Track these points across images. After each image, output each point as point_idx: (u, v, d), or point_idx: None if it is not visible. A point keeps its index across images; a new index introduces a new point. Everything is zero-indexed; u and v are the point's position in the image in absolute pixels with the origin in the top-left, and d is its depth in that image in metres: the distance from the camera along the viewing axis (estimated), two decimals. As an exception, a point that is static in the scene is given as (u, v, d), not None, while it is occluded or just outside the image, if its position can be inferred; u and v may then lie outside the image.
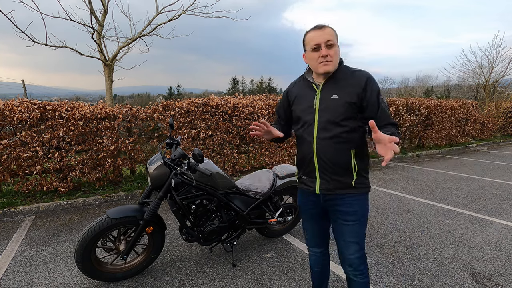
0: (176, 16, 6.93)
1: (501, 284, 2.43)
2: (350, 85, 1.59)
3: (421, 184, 5.43)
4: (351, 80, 1.60)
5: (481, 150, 9.72)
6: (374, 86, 1.59)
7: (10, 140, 4.14)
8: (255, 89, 51.14)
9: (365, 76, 1.59)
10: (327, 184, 1.65)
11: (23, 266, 2.71)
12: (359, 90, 1.57)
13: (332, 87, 1.62)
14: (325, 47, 1.55)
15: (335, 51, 1.56)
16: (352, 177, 1.62)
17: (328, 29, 1.57)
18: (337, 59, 1.59)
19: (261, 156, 6.04)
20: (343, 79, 1.61)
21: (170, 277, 2.53)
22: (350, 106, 1.57)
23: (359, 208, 1.64)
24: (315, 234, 1.87)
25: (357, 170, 1.62)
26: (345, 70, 1.63)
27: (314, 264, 1.95)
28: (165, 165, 2.34)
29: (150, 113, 5.08)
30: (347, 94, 1.57)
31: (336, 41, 1.57)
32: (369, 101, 1.57)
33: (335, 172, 1.62)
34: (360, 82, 1.58)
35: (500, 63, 13.89)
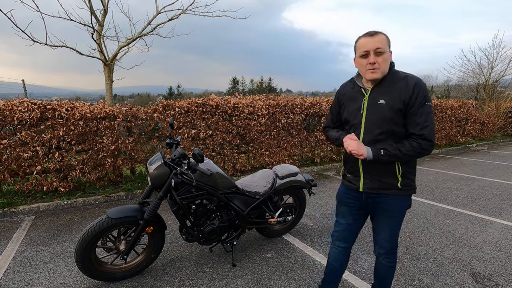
0: (176, 16, 6.94)
1: (501, 284, 2.43)
2: (397, 91, 1.60)
3: (421, 184, 5.42)
4: (399, 85, 1.60)
5: (481, 150, 9.72)
6: (421, 92, 1.57)
7: (10, 140, 4.14)
8: (255, 89, 51.13)
9: (413, 81, 1.59)
10: (371, 184, 1.74)
11: (23, 266, 2.71)
12: (407, 97, 1.57)
13: (380, 92, 1.65)
14: (373, 55, 1.57)
15: (383, 59, 1.58)
16: (397, 179, 1.69)
17: (379, 37, 1.57)
18: (385, 66, 1.61)
19: (261, 156, 6.04)
20: (391, 84, 1.63)
21: (170, 277, 2.53)
22: (396, 112, 1.59)
23: (398, 207, 1.74)
24: (347, 228, 1.92)
25: (401, 173, 1.68)
26: (395, 75, 1.64)
27: (334, 259, 1.98)
28: (165, 165, 2.33)
29: (150, 113, 5.08)
30: (393, 99, 1.60)
31: (386, 48, 1.58)
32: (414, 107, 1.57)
33: (379, 174, 1.70)
34: (408, 88, 1.58)
35: (500, 63, 13.90)
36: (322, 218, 3.81)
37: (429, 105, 1.58)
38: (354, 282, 2.44)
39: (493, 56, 13.85)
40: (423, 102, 1.56)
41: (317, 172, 6.42)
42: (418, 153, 1.58)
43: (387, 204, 1.74)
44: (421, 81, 1.60)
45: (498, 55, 13.76)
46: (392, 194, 1.71)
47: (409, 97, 1.56)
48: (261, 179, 2.96)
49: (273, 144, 6.13)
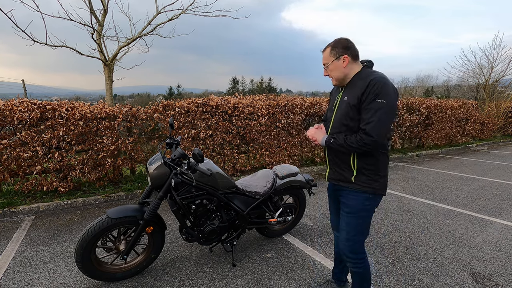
0: (176, 16, 6.94)
1: (501, 284, 2.43)
2: (356, 88, 1.71)
3: (421, 184, 5.43)
4: (359, 83, 1.71)
5: (481, 150, 9.72)
6: (374, 88, 1.62)
7: (10, 140, 4.14)
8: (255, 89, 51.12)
9: (370, 78, 1.66)
10: (332, 174, 1.91)
11: (23, 266, 2.71)
12: (360, 93, 1.67)
13: (347, 90, 1.80)
14: (324, 69, 1.85)
15: (330, 70, 1.80)
16: (352, 173, 1.78)
17: (324, 53, 1.81)
18: (335, 74, 1.79)
19: (261, 156, 6.04)
20: (355, 83, 1.75)
21: (170, 277, 2.53)
22: (352, 108, 1.71)
23: (354, 203, 1.80)
24: (334, 219, 2.11)
25: (356, 167, 1.76)
26: (363, 74, 1.74)
27: (336, 245, 2.23)
28: (165, 165, 2.33)
29: (150, 113, 5.08)
30: (352, 96, 1.72)
31: (329, 61, 1.78)
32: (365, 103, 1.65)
33: (338, 166, 1.85)
34: (363, 85, 1.66)
35: (500, 63, 13.91)
36: (322, 218, 3.81)
37: (380, 102, 1.59)
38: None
39: (493, 56, 13.87)
40: (373, 99, 1.60)
41: (317, 172, 6.42)
42: (360, 146, 1.64)
43: (345, 198, 1.85)
44: (380, 79, 1.63)
45: (498, 55, 13.78)
46: (347, 188, 1.82)
47: (362, 93, 1.65)
48: (261, 179, 2.96)
49: (273, 144, 6.12)
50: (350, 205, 1.82)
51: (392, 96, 1.62)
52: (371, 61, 1.84)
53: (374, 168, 1.75)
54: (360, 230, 1.84)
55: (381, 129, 1.60)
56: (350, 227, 1.83)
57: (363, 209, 1.80)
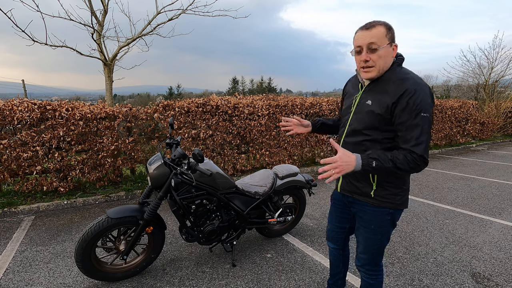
0: (176, 16, 6.94)
1: (501, 284, 2.43)
2: (386, 94, 1.40)
3: (421, 184, 5.43)
4: (391, 88, 1.40)
5: (481, 150, 9.72)
6: (412, 101, 1.33)
7: (10, 140, 4.14)
8: (255, 89, 51.15)
9: (407, 86, 1.35)
10: (346, 186, 1.66)
11: (23, 266, 2.71)
12: (390, 102, 1.38)
13: (371, 92, 1.49)
14: (366, 51, 1.39)
15: (379, 56, 1.38)
16: (371, 187, 1.53)
17: (375, 30, 1.36)
18: (383, 63, 1.40)
19: (261, 156, 6.04)
20: (385, 85, 1.43)
21: (170, 277, 2.53)
22: (376, 117, 1.43)
23: (373, 219, 1.58)
24: (332, 229, 1.90)
25: (376, 181, 1.51)
26: (395, 74, 1.43)
27: (330, 255, 2.04)
28: (165, 165, 2.34)
29: (150, 113, 5.08)
30: (378, 102, 1.43)
31: (384, 43, 1.37)
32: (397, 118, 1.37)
33: (354, 177, 1.60)
34: (397, 92, 1.36)
35: (500, 63, 13.90)
36: (322, 218, 3.81)
37: (424, 116, 1.33)
38: (354, 282, 2.44)
39: (493, 56, 13.86)
40: (417, 113, 1.32)
41: (317, 172, 6.42)
42: (412, 168, 1.35)
43: (362, 213, 1.61)
44: (418, 86, 1.34)
45: (498, 55, 13.77)
46: (365, 202, 1.57)
47: (394, 103, 1.36)
48: (261, 179, 2.96)
49: (273, 144, 6.12)
50: (368, 220, 1.59)
51: (431, 104, 1.37)
52: (402, 56, 1.48)
53: (397, 182, 1.51)
54: (379, 245, 1.63)
55: (428, 145, 1.37)
56: (368, 242, 1.63)
57: (383, 225, 1.57)
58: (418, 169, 1.37)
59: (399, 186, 1.52)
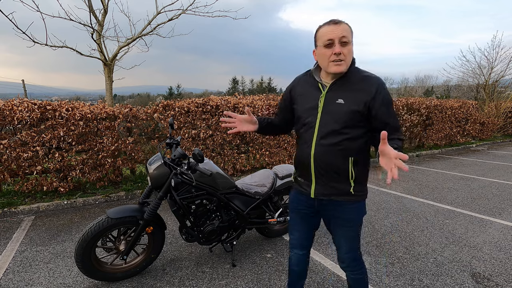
0: (176, 16, 6.93)
1: (501, 284, 2.43)
2: (358, 91, 1.46)
3: (421, 184, 5.43)
4: (360, 85, 1.47)
5: (481, 150, 9.72)
6: (386, 95, 1.46)
7: (10, 140, 4.14)
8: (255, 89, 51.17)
9: (376, 82, 1.46)
10: (323, 190, 1.59)
11: (23, 266, 2.71)
12: (368, 98, 1.44)
13: (339, 90, 1.50)
14: (339, 44, 1.41)
15: (349, 50, 1.43)
16: (350, 185, 1.55)
17: (344, 25, 1.42)
18: (350, 59, 1.46)
19: (261, 156, 6.04)
20: (352, 82, 1.48)
21: (170, 277, 2.53)
22: (355, 114, 1.46)
23: (353, 215, 1.61)
24: (303, 236, 1.79)
25: (354, 178, 1.54)
26: (356, 73, 1.50)
27: (295, 263, 1.86)
28: (165, 165, 2.34)
29: (150, 113, 5.08)
30: (353, 100, 1.46)
31: (351, 39, 1.44)
32: (378, 111, 1.45)
33: (332, 179, 1.55)
34: (370, 89, 1.45)
35: (499, 63, 13.90)
36: (322, 218, 3.81)
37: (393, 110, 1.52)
38: (354, 282, 2.44)
39: (493, 56, 13.86)
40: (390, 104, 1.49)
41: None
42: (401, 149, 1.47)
43: (342, 213, 1.60)
44: (383, 83, 1.49)
45: (498, 55, 13.77)
46: (345, 201, 1.57)
47: (371, 100, 1.44)
48: (261, 179, 2.96)
49: (273, 144, 6.12)
50: (350, 219, 1.61)
51: None
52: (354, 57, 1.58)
53: (366, 175, 1.61)
54: (358, 238, 1.68)
55: None
56: (351, 240, 1.65)
57: (360, 217, 1.65)
58: None
59: (366, 178, 1.62)
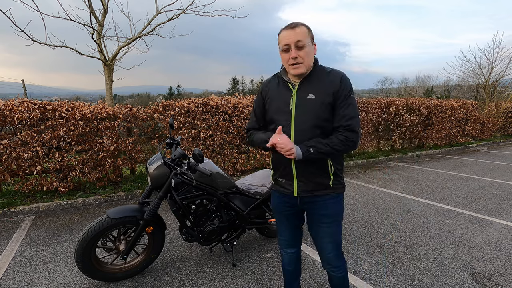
0: (176, 16, 6.93)
1: (501, 284, 2.43)
2: (326, 85, 1.54)
3: (421, 184, 5.43)
4: (327, 79, 1.55)
5: (481, 150, 9.72)
6: (347, 84, 1.55)
7: (10, 140, 4.14)
8: (255, 89, 51.17)
9: (339, 74, 1.56)
10: (305, 186, 1.62)
11: (23, 266, 2.71)
12: (335, 90, 1.52)
13: (309, 87, 1.56)
14: (294, 48, 1.48)
15: (306, 52, 1.48)
16: (329, 178, 1.60)
17: (299, 29, 1.47)
18: (309, 60, 1.52)
19: (261, 156, 6.04)
20: (319, 78, 1.57)
21: (170, 277, 2.53)
22: (326, 106, 1.53)
23: (335, 209, 1.65)
24: (291, 236, 1.85)
25: (333, 171, 1.60)
26: (321, 70, 1.59)
27: (288, 263, 1.94)
28: (165, 165, 2.34)
29: (150, 113, 5.08)
30: (323, 93, 1.53)
31: (308, 41, 1.49)
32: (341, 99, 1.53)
33: (313, 174, 1.59)
34: (335, 81, 1.53)
35: (499, 63, 13.91)
36: (322, 218, 3.81)
37: (353, 97, 1.55)
38: (354, 282, 2.44)
39: (493, 56, 13.86)
40: (349, 94, 1.53)
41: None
42: (346, 146, 1.51)
43: (323, 208, 1.63)
44: (345, 75, 1.57)
45: (498, 55, 13.77)
46: (325, 195, 1.61)
47: (337, 90, 1.51)
48: (261, 179, 2.96)
49: (273, 144, 6.12)
50: (331, 214, 1.64)
51: None
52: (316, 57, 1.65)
53: (342, 166, 1.68)
54: (340, 233, 1.71)
55: (359, 124, 1.57)
56: (335, 236, 1.68)
57: (341, 213, 1.68)
58: (353, 145, 1.53)
59: (342, 170, 1.68)
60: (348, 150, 1.56)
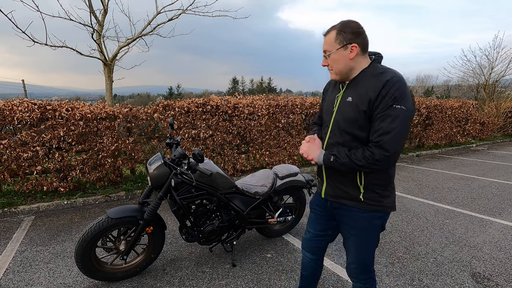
0: (176, 16, 6.93)
1: (501, 284, 2.43)
2: (365, 88, 1.39)
3: (421, 184, 5.43)
4: (370, 82, 1.38)
5: (481, 150, 9.72)
6: (393, 91, 1.30)
7: (10, 140, 4.14)
8: (255, 89, 51.19)
9: (386, 78, 1.34)
10: (331, 191, 1.58)
11: (23, 266, 2.71)
12: (373, 96, 1.34)
13: (352, 89, 1.46)
14: (324, 57, 1.49)
15: (332, 60, 1.45)
16: (359, 191, 1.47)
17: (327, 37, 1.45)
18: (339, 66, 1.44)
19: (261, 156, 6.04)
20: (363, 80, 1.43)
21: (170, 277, 2.53)
22: (359, 113, 1.39)
23: (361, 224, 1.52)
24: (313, 238, 1.77)
25: (364, 184, 1.46)
26: (372, 71, 1.43)
27: (304, 267, 1.88)
28: (165, 165, 2.34)
29: (150, 113, 5.08)
30: (360, 98, 1.39)
31: (333, 48, 1.42)
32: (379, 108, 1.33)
33: (339, 181, 1.52)
34: (377, 85, 1.34)
35: (500, 63, 13.91)
36: (322, 218, 3.81)
37: (399, 108, 1.29)
38: (354, 282, 2.44)
39: (493, 56, 13.86)
40: (391, 104, 1.30)
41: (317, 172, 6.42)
42: (369, 164, 1.34)
43: (350, 218, 1.54)
44: (397, 79, 1.33)
45: (498, 55, 13.77)
46: (354, 207, 1.50)
47: (376, 96, 1.33)
48: (261, 179, 2.96)
49: (273, 144, 6.12)
50: (358, 227, 1.53)
51: (411, 102, 1.34)
52: (380, 54, 1.49)
53: (384, 183, 1.47)
54: (370, 250, 1.59)
55: (399, 141, 1.32)
56: (359, 250, 1.58)
57: (374, 230, 1.53)
58: (376, 165, 1.34)
59: (386, 188, 1.48)
60: (372, 169, 1.39)
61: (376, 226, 1.53)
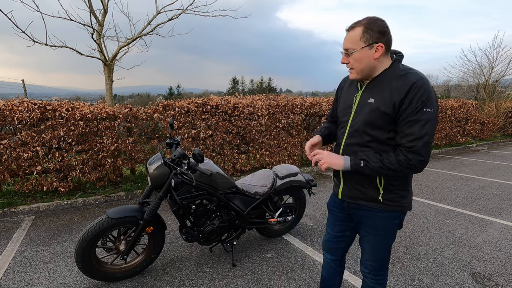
0: (176, 16, 6.93)
1: (501, 284, 2.43)
2: (389, 91, 1.34)
3: (421, 184, 5.42)
4: (394, 85, 1.34)
5: (481, 150, 9.72)
6: (420, 94, 1.28)
7: (10, 140, 4.14)
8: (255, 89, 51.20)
9: (411, 81, 1.30)
10: (349, 192, 1.56)
11: (23, 266, 2.71)
12: (398, 100, 1.31)
13: (373, 90, 1.41)
14: (344, 54, 1.42)
15: (354, 59, 1.38)
16: (378, 191, 1.46)
17: (352, 33, 1.36)
18: (360, 66, 1.38)
19: (261, 156, 6.03)
20: (385, 82, 1.37)
21: (170, 277, 2.53)
22: (382, 115, 1.35)
23: (384, 225, 1.52)
24: (331, 238, 1.77)
25: (383, 185, 1.45)
26: (393, 72, 1.38)
27: (324, 268, 1.89)
28: (165, 165, 2.34)
29: (150, 113, 5.08)
30: (382, 100, 1.35)
31: (357, 46, 1.35)
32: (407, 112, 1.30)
33: (358, 182, 1.50)
34: (402, 89, 1.31)
35: (500, 63, 13.90)
36: (322, 218, 3.81)
37: (428, 111, 1.28)
38: (354, 282, 2.44)
39: (493, 56, 13.86)
40: (421, 108, 1.27)
41: (317, 172, 6.42)
42: (405, 168, 1.33)
43: (368, 219, 1.54)
44: (422, 81, 1.30)
45: (498, 55, 13.76)
46: (373, 208, 1.49)
47: (401, 99, 1.30)
48: (261, 179, 2.96)
49: (273, 144, 6.12)
50: (377, 227, 1.53)
51: (436, 102, 1.33)
52: (401, 53, 1.43)
53: (403, 184, 1.47)
54: (387, 249, 1.60)
55: (429, 146, 1.30)
56: (377, 249, 1.58)
57: (391, 229, 1.54)
58: (413, 169, 1.35)
59: (405, 188, 1.48)
60: (405, 174, 1.39)
61: (394, 225, 1.54)
